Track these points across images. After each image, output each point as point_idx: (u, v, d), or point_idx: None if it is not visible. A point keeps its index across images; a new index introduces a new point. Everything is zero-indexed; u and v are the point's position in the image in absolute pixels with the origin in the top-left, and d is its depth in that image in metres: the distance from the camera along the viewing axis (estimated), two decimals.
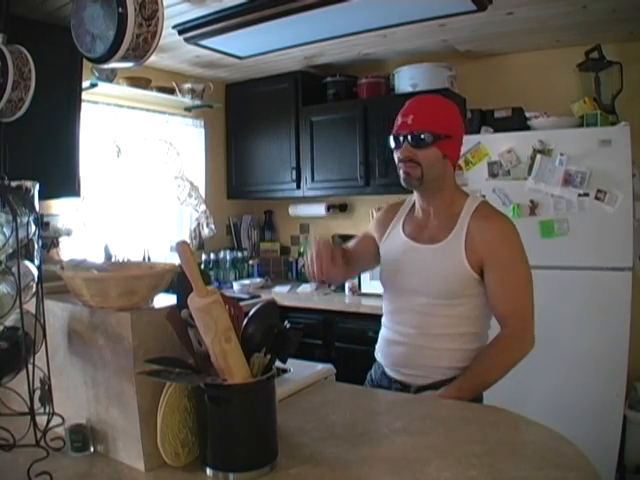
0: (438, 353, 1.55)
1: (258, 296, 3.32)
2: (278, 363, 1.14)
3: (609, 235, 2.44)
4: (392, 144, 1.57)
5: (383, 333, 1.70)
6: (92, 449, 1.16)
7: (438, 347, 1.54)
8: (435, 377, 1.54)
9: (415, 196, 1.67)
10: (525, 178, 2.58)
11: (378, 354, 1.72)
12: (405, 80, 3.20)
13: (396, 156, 1.57)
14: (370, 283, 3.16)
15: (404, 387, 1.59)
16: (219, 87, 3.84)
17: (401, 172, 1.56)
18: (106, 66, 1.55)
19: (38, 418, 1.06)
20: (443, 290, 1.52)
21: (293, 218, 3.98)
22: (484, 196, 2.64)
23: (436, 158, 1.52)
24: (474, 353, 1.54)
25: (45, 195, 1.20)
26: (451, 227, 1.54)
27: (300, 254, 3.87)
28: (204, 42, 2.85)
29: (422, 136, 1.49)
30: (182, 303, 1.05)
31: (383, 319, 1.71)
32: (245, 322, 1.11)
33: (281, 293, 3.44)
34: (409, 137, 1.51)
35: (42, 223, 2.17)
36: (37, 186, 1.12)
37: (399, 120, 1.55)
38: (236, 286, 3.52)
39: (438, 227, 1.57)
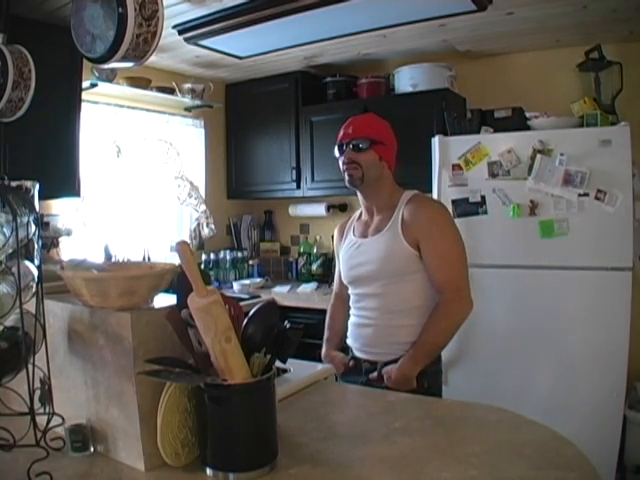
0: (398, 330, 1.77)
1: (258, 296, 3.32)
2: (278, 363, 1.14)
3: (609, 235, 2.44)
4: (337, 153, 1.86)
5: (352, 320, 1.93)
6: (92, 449, 1.16)
7: (396, 324, 1.77)
8: (398, 353, 1.74)
9: (359, 199, 1.93)
10: (525, 178, 2.58)
11: (349, 339, 1.93)
12: (405, 80, 3.20)
13: (341, 161, 1.84)
14: None
15: (372, 364, 1.79)
16: (219, 87, 3.84)
17: (345, 175, 1.83)
18: (106, 66, 1.55)
19: (38, 418, 1.07)
20: (390, 269, 1.76)
21: (293, 218, 3.98)
22: (484, 196, 2.65)
23: (374, 160, 1.80)
24: None
25: (45, 195, 1.21)
26: (389, 217, 1.80)
27: (300, 254, 3.87)
28: (204, 42, 2.85)
29: (361, 144, 1.79)
30: (182, 303, 1.05)
31: (351, 309, 1.94)
32: (245, 322, 1.11)
33: (281, 293, 3.44)
34: (351, 144, 1.80)
35: (42, 223, 2.17)
36: (37, 186, 1.12)
37: (341, 133, 1.85)
38: (236, 286, 3.52)
39: (380, 220, 1.84)
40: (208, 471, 1.06)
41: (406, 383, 1.67)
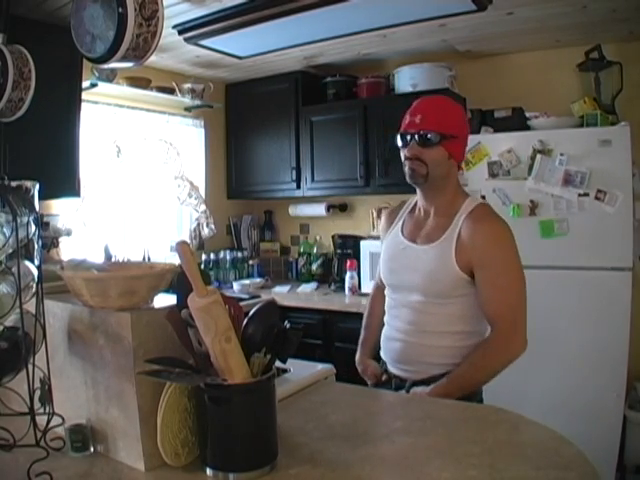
0: (430, 350, 1.58)
1: (258, 296, 3.32)
2: (278, 363, 1.14)
3: (609, 235, 2.44)
4: (399, 142, 1.60)
5: (384, 330, 1.74)
6: (92, 449, 1.16)
7: (430, 344, 1.58)
8: (428, 372, 1.57)
9: (418, 195, 1.70)
10: (525, 178, 2.58)
11: (381, 351, 1.75)
12: (405, 80, 3.20)
13: (403, 154, 1.60)
14: (370, 283, 3.16)
15: (402, 381, 1.65)
16: (219, 87, 3.84)
17: (407, 169, 1.59)
18: (106, 66, 1.55)
19: (38, 418, 1.06)
20: (433, 289, 1.56)
21: (293, 218, 3.98)
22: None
23: (442, 157, 1.55)
24: (467, 350, 1.56)
25: (45, 195, 1.20)
26: (446, 227, 1.57)
27: (300, 254, 3.87)
28: (204, 42, 2.85)
29: (429, 135, 1.53)
30: (182, 303, 1.05)
31: (385, 316, 1.75)
32: (245, 322, 1.11)
33: (281, 293, 3.44)
34: (416, 136, 1.54)
35: (42, 223, 2.17)
36: (37, 186, 1.12)
37: (407, 119, 1.58)
38: (236, 286, 3.52)
39: (434, 227, 1.61)
40: (208, 471, 1.06)
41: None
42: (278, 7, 2.42)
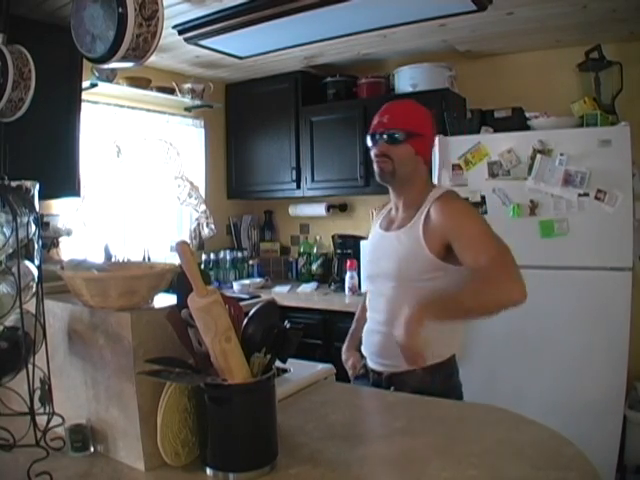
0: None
1: (258, 296, 3.32)
2: (278, 363, 1.14)
3: (609, 235, 2.44)
4: (369, 143, 1.70)
5: (366, 325, 1.78)
6: (92, 449, 1.16)
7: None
8: (405, 366, 1.45)
9: (390, 194, 1.77)
10: (525, 178, 2.58)
11: (362, 346, 1.78)
12: (405, 80, 3.20)
13: (372, 153, 1.69)
14: None
15: (378, 375, 1.68)
16: (219, 87, 3.84)
17: (375, 167, 1.68)
18: (106, 66, 1.56)
19: (38, 418, 1.06)
20: (404, 273, 1.60)
21: (293, 218, 3.98)
22: (484, 197, 2.65)
23: (408, 155, 1.63)
24: (442, 340, 1.57)
25: (45, 195, 1.21)
26: (414, 213, 1.64)
27: (300, 254, 3.87)
28: (204, 42, 2.85)
29: (396, 134, 1.62)
30: (182, 303, 1.05)
31: (367, 311, 1.79)
32: (245, 322, 1.11)
33: (281, 293, 3.44)
34: (384, 135, 1.63)
35: (42, 223, 2.17)
36: (37, 186, 1.12)
37: (375, 120, 1.69)
38: (236, 286, 3.52)
39: (405, 217, 1.68)
40: (208, 471, 1.06)
41: (416, 326, 1.33)
42: (278, 7, 2.42)
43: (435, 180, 2.77)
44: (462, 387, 1.66)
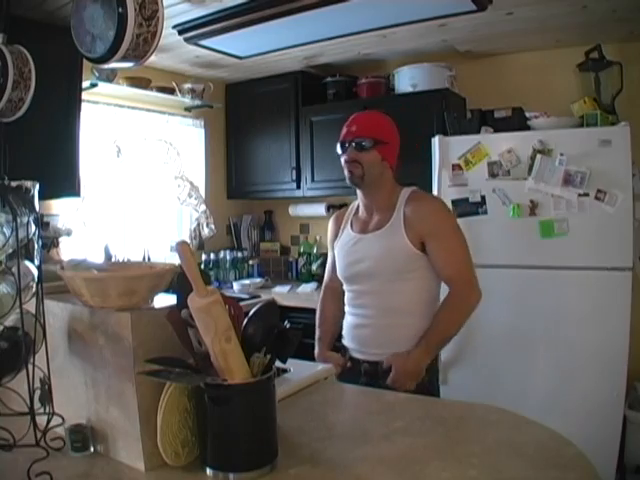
0: (397, 329, 1.76)
1: (258, 296, 3.32)
2: (278, 363, 1.14)
3: (609, 235, 2.44)
4: (339, 150, 1.83)
5: (348, 320, 1.91)
6: (92, 449, 1.16)
7: (396, 323, 1.76)
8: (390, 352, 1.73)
9: (359, 197, 1.91)
10: (525, 178, 2.58)
11: (345, 340, 1.91)
12: (405, 80, 3.20)
13: (343, 159, 1.82)
14: None
15: (372, 365, 1.78)
16: (219, 87, 3.84)
17: (346, 172, 1.82)
18: (106, 66, 1.55)
19: (38, 418, 1.07)
20: (390, 269, 1.75)
21: (293, 218, 3.97)
22: (484, 196, 2.65)
23: (376, 160, 1.79)
24: (429, 323, 1.75)
25: (45, 195, 1.21)
26: (390, 214, 1.79)
27: (300, 254, 3.87)
28: (204, 42, 2.85)
29: (364, 142, 1.77)
30: (182, 303, 1.05)
31: (346, 307, 1.92)
32: (245, 322, 1.11)
33: (281, 293, 3.44)
34: (353, 143, 1.78)
35: (42, 223, 2.17)
36: (37, 186, 1.12)
37: (344, 130, 1.82)
38: (236, 286, 3.52)
39: (380, 218, 1.82)
40: (208, 471, 1.06)
41: (417, 374, 1.70)
42: (278, 7, 2.42)
43: (435, 180, 2.77)
44: (439, 373, 1.86)
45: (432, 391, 1.75)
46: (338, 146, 1.84)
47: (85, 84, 2.69)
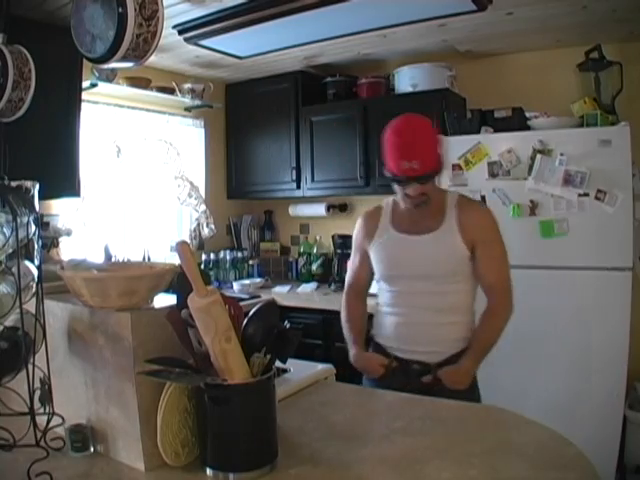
0: (447, 327, 1.78)
1: (258, 296, 3.32)
2: (278, 363, 1.14)
3: (609, 235, 2.44)
4: (394, 180, 1.75)
5: (389, 320, 1.85)
6: (92, 449, 1.16)
7: (446, 321, 1.78)
8: (448, 351, 1.76)
9: (400, 201, 1.84)
10: (525, 178, 2.58)
11: (385, 339, 1.85)
12: (405, 80, 3.20)
13: (403, 191, 1.76)
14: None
15: (424, 366, 1.75)
16: (219, 87, 3.84)
17: (409, 203, 1.77)
18: (106, 66, 1.55)
19: (38, 418, 1.07)
20: (446, 270, 1.77)
21: (293, 218, 3.97)
22: (484, 197, 2.65)
23: (435, 183, 1.80)
24: (472, 323, 1.81)
25: (45, 195, 1.21)
26: (441, 217, 1.79)
27: (300, 254, 3.87)
28: (204, 42, 2.85)
29: (428, 175, 1.72)
30: (182, 303, 1.05)
31: (386, 309, 1.87)
32: (245, 322, 1.11)
33: (281, 293, 3.44)
34: (418, 179, 1.70)
35: (42, 223, 2.17)
36: (37, 186, 1.12)
37: (404, 165, 1.68)
38: (236, 286, 3.52)
39: (430, 220, 1.80)
40: (208, 471, 1.06)
41: (467, 382, 1.73)
42: (278, 7, 2.42)
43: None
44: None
45: (475, 397, 1.78)
46: (393, 177, 1.75)
47: (85, 84, 2.69)
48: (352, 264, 2.02)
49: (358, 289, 2.00)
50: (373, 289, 2.02)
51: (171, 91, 3.35)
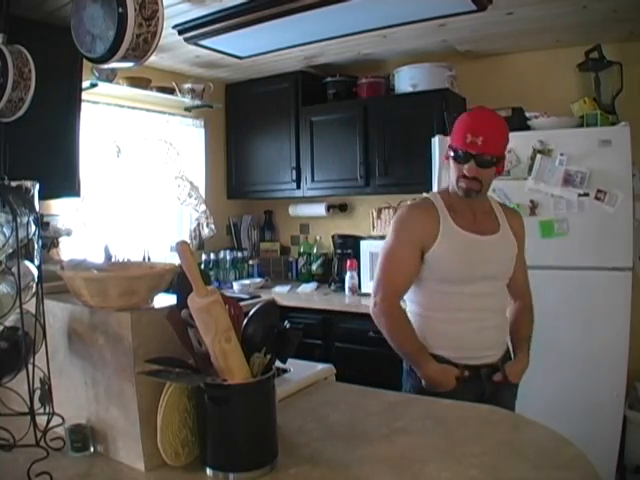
0: (506, 327, 1.84)
1: (258, 296, 3.32)
2: (278, 363, 1.14)
3: (609, 235, 2.44)
4: (453, 154, 1.70)
5: (461, 327, 1.72)
6: (92, 449, 1.16)
7: (504, 321, 1.84)
8: (503, 350, 1.81)
9: (453, 195, 1.77)
10: (525, 178, 2.58)
11: (457, 350, 1.71)
12: (405, 80, 3.20)
13: (457, 168, 1.70)
14: (370, 283, 3.15)
15: (491, 367, 1.74)
16: (219, 87, 3.84)
17: (462, 184, 1.70)
18: (106, 66, 1.55)
19: (38, 418, 1.07)
20: (508, 271, 1.81)
21: (293, 218, 3.97)
22: None
23: (493, 175, 1.74)
24: (507, 324, 1.86)
25: (45, 195, 1.21)
26: (495, 219, 1.82)
27: (300, 254, 3.87)
28: (204, 42, 2.85)
29: (488, 158, 1.66)
30: (182, 303, 1.05)
31: (446, 314, 1.73)
32: (245, 322, 1.11)
33: (281, 293, 3.44)
34: (477, 157, 1.66)
35: (42, 223, 2.17)
36: (37, 186, 1.12)
37: (468, 137, 1.65)
38: (236, 286, 3.52)
39: (489, 221, 1.81)
40: (208, 471, 1.06)
41: (523, 374, 1.80)
42: (278, 7, 2.42)
43: (435, 180, 2.77)
44: None
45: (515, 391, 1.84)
46: (455, 152, 1.68)
47: (85, 84, 2.69)
48: (400, 262, 1.73)
49: (403, 292, 1.76)
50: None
51: (171, 91, 3.35)
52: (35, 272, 1.09)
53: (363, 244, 3.29)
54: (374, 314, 1.76)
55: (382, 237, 2.91)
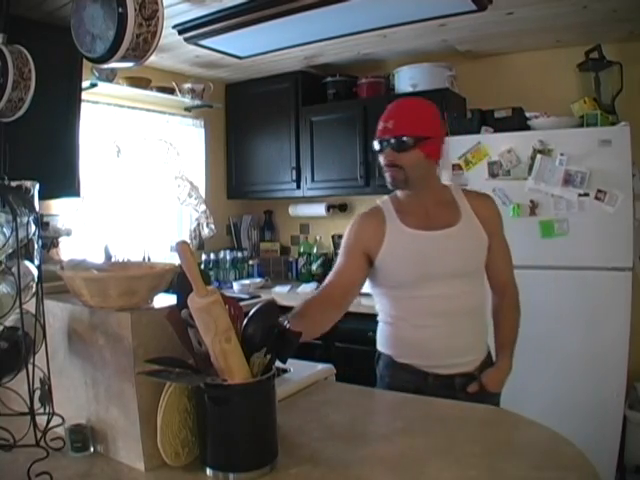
0: (482, 329, 1.68)
1: (258, 296, 3.32)
2: (278, 363, 1.14)
3: (609, 235, 2.44)
4: (376, 147, 1.63)
5: (426, 334, 1.59)
6: (92, 449, 1.16)
7: (480, 323, 1.67)
8: (483, 355, 1.67)
9: (401, 195, 1.69)
10: (525, 178, 2.58)
11: (426, 358, 1.60)
12: (405, 80, 3.20)
13: (381, 161, 1.63)
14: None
15: (466, 376, 1.60)
16: (219, 87, 3.84)
17: (387, 176, 1.62)
18: (106, 66, 1.55)
19: (38, 418, 1.07)
20: (475, 266, 1.64)
21: (293, 218, 3.97)
22: None
23: (418, 160, 1.57)
24: (486, 327, 1.70)
25: (45, 195, 1.21)
26: (455, 209, 1.64)
27: (300, 254, 3.87)
28: (204, 42, 2.85)
29: (403, 139, 1.54)
30: (182, 303, 1.05)
31: (411, 321, 1.62)
32: (245, 322, 1.11)
33: (281, 293, 3.44)
34: (391, 141, 1.56)
35: (42, 223, 2.17)
36: (37, 186, 1.12)
37: (380, 125, 1.61)
38: (236, 286, 3.52)
39: (445, 214, 1.63)
40: (208, 471, 1.06)
41: (505, 382, 1.67)
42: (278, 7, 2.42)
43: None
44: None
45: (497, 401, 1.69)
46: (375, 143, 1.61)
47: (85, 84, 2.69)
48: (338, 266, 1.69)
49: (334, 295, 1.65)
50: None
51: (171, 91, 3.35)
52: (35, 272, 1.09)
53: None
54: None
55: None
